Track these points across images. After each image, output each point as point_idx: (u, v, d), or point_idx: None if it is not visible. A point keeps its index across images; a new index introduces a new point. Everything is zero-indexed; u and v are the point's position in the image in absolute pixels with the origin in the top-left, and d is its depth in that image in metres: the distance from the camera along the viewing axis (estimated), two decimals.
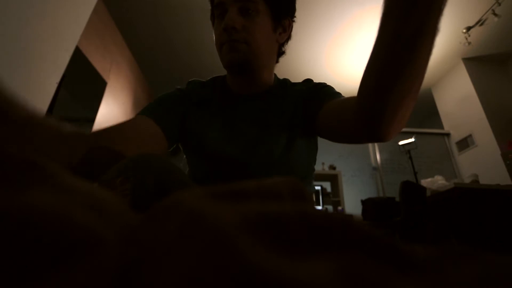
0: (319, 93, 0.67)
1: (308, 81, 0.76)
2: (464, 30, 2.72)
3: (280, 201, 0.18)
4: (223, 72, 0.77)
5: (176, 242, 0.11)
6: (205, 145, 0.64)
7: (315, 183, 0.75)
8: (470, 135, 3.17)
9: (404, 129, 3.66)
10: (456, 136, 3.40)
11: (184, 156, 0.74)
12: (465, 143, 3.26)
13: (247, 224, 0.11)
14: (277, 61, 0.75)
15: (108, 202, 0.15)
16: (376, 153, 3.56)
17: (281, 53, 0.74)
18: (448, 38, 2.91)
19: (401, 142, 3.11)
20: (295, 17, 0.71)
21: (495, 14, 2.47)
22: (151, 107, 0.63)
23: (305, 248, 0.11)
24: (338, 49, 3.06)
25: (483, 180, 2.67)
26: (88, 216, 0.12)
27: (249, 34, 0.60)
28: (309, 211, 0.13)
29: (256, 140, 0.64)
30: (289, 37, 0.72)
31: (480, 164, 3.01)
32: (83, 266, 0.10)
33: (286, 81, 0.78)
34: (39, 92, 1.00)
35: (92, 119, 1.84)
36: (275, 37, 0.67)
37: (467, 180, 2.67)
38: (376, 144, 3.59)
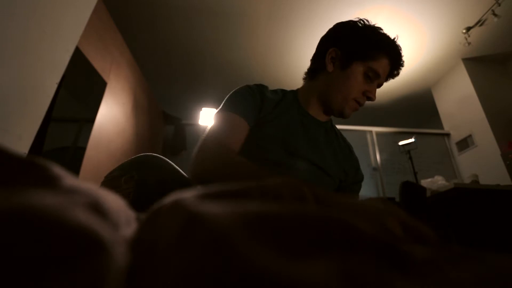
0: (353, 182, 0.82)
1: (350, 145, 0.87)
2: (464, 31, 2.72)
3: (280, 201, 0.18)
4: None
5: (176, 244, 0.11)
6: (287, 143, 0.70)
7: None
8: (470, 135, 3.17)
9: (404, 129, 3.66)
10: (456, 136, 3.40)
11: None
12: (465, 144, 3.26)
13: (247, 224, 0.11)
14: None
15: (109, 203, 0.15)
16: (376, 153, 3.56)
17: None
18: (448, 38, 2.91)
19: (401, 142, 3.11)
20: None
21: (495, 15, 2.47)
22: (239, 106, 0.69)
23: (306, 248, 0.11)
24: None
25: (483, 180, 2.67)
26: (88, 217, 0.12)
27: None
28: (310, 211, 0.13)
29: (326, 160, 0.75)
30: None
31: (480, 164, 3.00)
32: (82, 267, 0.10)
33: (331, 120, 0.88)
34: (39, 92, 1.00)
35: (92, 119, 1.84)
36: None
37: (467, 180, 2.67)
38: (376, 145, 3.59)
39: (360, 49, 0.72)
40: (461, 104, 3.28)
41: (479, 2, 2.48)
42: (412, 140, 3.04)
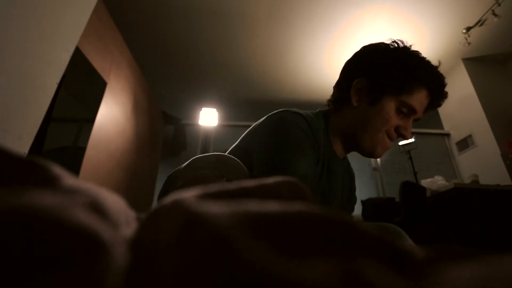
0: (350, 201, 0.78)
1: (353, 174, 0.82)
2: (464, 31, 2.72)
3: (280, 201, 0.18)
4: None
5: (176, 244, 0.11)
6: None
7: None
8: (470, 135, 3.17)
9: None
10: (456, 136, 3.40)
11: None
12: (465, 144, 3.26)
13: (248, 224, 0.11)
14: None
15: (109, 203, 0.15)
16: None
17: None
18: (448, 38, 2.91)
19: (401, 143, 3.11)
20: None
21: (495, 15, 2.47)
22: (306, 176, 0.57)
23: (306, 248, 0.11)
24: (338, 49, 3.06)
25: (483, 180, 2.67)
26: (88, 217, 0.12)
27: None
28: (309, 211, 0.13)
29: (340, 203, 0.71)
30: None
31: (480, 164, 3.00)
32: (82, 268, 0.10)
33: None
34: (39, 92, 1.00)
35: (92, 119, 1.84)
36: None
37: (467, 180, 2.67)
38: None
39: (392, 81, 0.59)
40: (461, 104, 3.28)
41: (479, 2, 2.48)
42: (412, 140, 3.05)
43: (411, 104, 0.60)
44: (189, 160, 0.44)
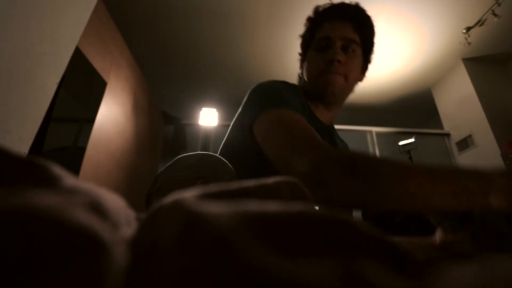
0: None
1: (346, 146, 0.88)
2: (464, 31, 2.72)
3: (280, 201, 0.18)
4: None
5: (177, 244, 0.11)
6: None
7: None
8: (470, 136, 3.17)
9: (404, 129, 3.66)
10: (456, 136, 3.40)
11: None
12: (465, 144, 3.26)
13: (248, 224, 0.11)
14: None
15: (109, 203, 0.15)
16: (376, 153, 3.56)
17: None
18: (448, 38, 2.90)
19: (401, 142, 3.11)
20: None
21: (495, 15, 2.47)
22: (295, 104, 0.59)
23: (306, 249, 0.11)
24: None
25: None
26: (88, 217, 0.12)
27: (348, 69, 0.68)
28: (309, 211, 0.13)
29: None
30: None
31: (480, 164, 3.00)
32: (82, 268, 0.10)
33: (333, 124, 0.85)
34: (39, 92, 1.00)
35: (92, 119, 1.84)
36: (360, 78, 0.77)
37: None
38: (376, 145, 3.59)
39: (304, 39, 0.77)
40: (461, 104, 3.28)
41: (479, 2, 2.48)
42: (412, 140, 3.05)
43: (320, 36, 0.70)
44: (172, 160, 0.44)
